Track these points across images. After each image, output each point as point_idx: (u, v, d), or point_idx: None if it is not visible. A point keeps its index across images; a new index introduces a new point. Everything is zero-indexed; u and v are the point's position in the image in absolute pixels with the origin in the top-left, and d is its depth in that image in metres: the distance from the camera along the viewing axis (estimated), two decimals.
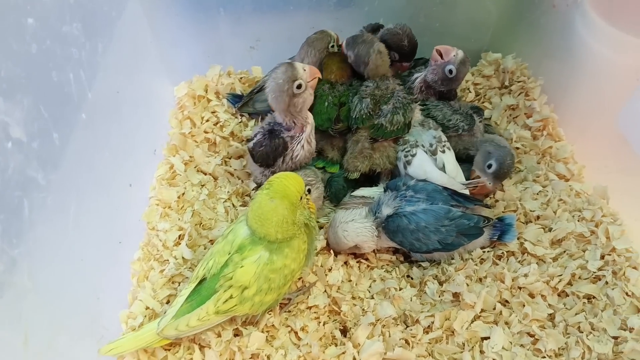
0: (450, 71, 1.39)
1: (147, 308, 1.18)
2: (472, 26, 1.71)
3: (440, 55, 1.39)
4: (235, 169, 1.52)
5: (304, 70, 1.27)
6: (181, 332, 1.05)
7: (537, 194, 1.40)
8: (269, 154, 1.34)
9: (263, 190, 1.08)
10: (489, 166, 1.36)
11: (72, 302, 0.98)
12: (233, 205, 1.42)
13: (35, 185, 0.86)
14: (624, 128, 1.32)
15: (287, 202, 1.05)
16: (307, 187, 1.29)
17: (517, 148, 1.53)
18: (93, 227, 1.08)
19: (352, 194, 1.40)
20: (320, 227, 1.39)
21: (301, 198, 1.09)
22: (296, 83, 1.24)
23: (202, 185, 1.45)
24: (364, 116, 1.37)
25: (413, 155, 1.37)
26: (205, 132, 1.56)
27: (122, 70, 1.30)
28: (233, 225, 1.13)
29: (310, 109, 1.36)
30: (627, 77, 1.35)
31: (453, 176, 1.35)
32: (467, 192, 1.35)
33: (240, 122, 1.58)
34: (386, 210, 1.27)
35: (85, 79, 1.06)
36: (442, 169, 1.36)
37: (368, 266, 1.33)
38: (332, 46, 1.51)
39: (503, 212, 1.38)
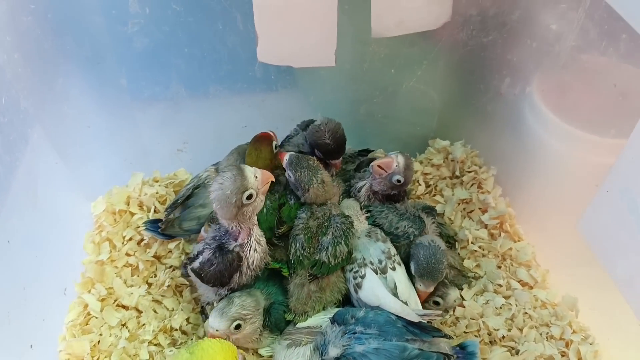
0: (398, 180, 1.28)
1: None
2: (416, 113, 1.61)
3: (384, 169, 1.27)
4: (163, 296, 1.34)
5: (256, 177, 1.10)
6: None
7: (500, 307, 1.27)
8: (222, 272, 1.17)
9: (186, 350, 0.92)
10: (412, 269, 1.24)
11: None
12: (160, 345, 1.24)
13: None
14: (585, 235, 1.21)
15: None
16: (238, 323, 1.14)
17: (475, 251, 1.40)
18: None
19: (296, 325, 1.24)
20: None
21: None
22: (246, 194, 1.08)
23: (123, 325, 1.26)
24: (300, 258, 1.22)
25: (362, 277, 1.22)
26: (127, 254, 1.38)
27: (17, 210, 1.11)
28: None
29: None
30: (583, 173, 1.25)
31: (405, 298, 1.20)
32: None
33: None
34: (333, 351, 1.10)
35: None
36: (394, 289, 1.21)
37: None
38: (276, 147, 1.38)
39: (465, 332, 1.24)
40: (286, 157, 1.27)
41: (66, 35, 1.27)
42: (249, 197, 1.09)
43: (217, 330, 1.12)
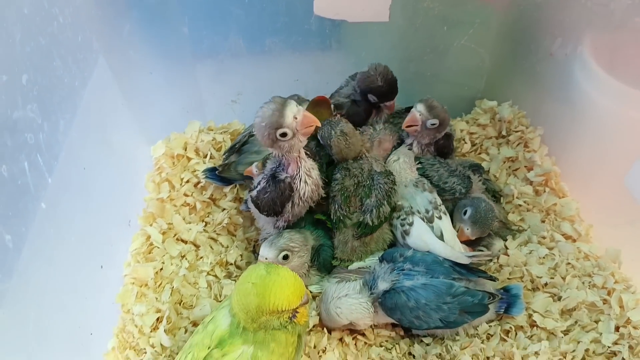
0: (433, 124, 1.34)
1: None
2: (465, 73, 1.63)
3: (413, 124, 1.34)
4: (218, 234, 1.41)
5: (295, 118, 1.10)
6: None
7: (544, 257, 1.30)
8: (275, 199, 1.21)
9: (264, 267, 0.96)
10: (465, 212, 1.29)
11: None
12: (216, 277, 1.31)
13: None
14: (632, 188, 1.23)
15: (259, 304, 0.93)
16: (285, 253, 1.20)
17: (520, 205, 1.44)
18: (57, 332, 0.96)
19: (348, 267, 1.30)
20: (313, 298, 1.29)
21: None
22: (280, 131, 1.09)
23: (183, 257, 1.34)
24: (340, 218, 1.26)
25: (410, 225, 1.27)
26: (185, 194, 1.45)
27: (90, 142, 1.19)
28: (215, 312, 1.02)
29: None
30: (633, 131, 1.27)
31: (452, 245, 1.25)
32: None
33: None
34: (382, 285, 1.17)
35: (43, 164, 0.95)
36: (440, 237, 1.26)
37: (366, 343, 1.22)
38: (334, 110, 1.43)
39: (509, 279, 1.28)
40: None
41: None
42: (283, 135, 1.10)
43: (266, 259, 1.18)
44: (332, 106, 1.41)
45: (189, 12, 1.43)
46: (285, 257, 1.20)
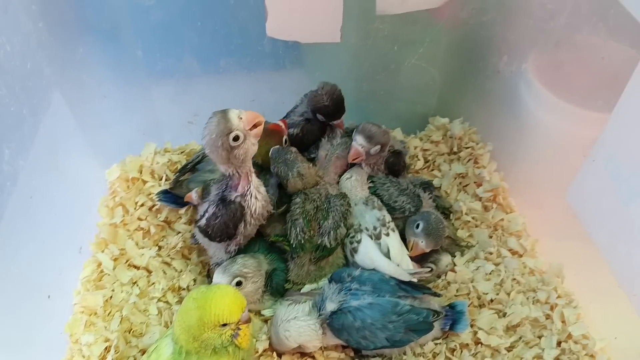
0: (376, 150, 1.36)
1: None
2: (417, 91, 1.66)
3: (358, 157, 1.37)
4: (172, 259, 1.42)
5: (240, 118, 1.10)
6: None
7: (490, 273, 1.33)
8: (227, 222, 1.21)
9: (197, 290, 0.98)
10: (417, 226, 1.31)
11: None
12: (168, 303, 1.32)
13: None
14: (573, 204, 1.26)
15: (200, 317, 0.94)
16: (239, 279, 1.20)
17: (468, 221, 1.47)
18: None
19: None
20: (265, 321, 1.30)
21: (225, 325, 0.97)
22: (232, 135, 1.09)
23: (134, 283, 1.34)
24: (301, 242, 1.28)
25: (358, 242, 1.30)
26: (139, 219, 1.46)
27: (40, 169, 1.19)
28: (159, 340, 1.04)
29: None
30: (574, 148, 1.30)
31: (398, 261, 1.28)
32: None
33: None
34: (330, 306, 1.19)
35: None
36: (387, 253, 1.29)
37: None
38: (286, 141, 1.43)
39: (456, 295, 1.31)
40: (271, 150, 1.33)
41: (88, 7, 1.33)
42: (235, 138, 1.10)
43: None
44: (284, 138, 1.41)
45: (142, 36, 1.44)
46: (239, 284, 1.21)
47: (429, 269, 1.31)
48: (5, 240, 1.02)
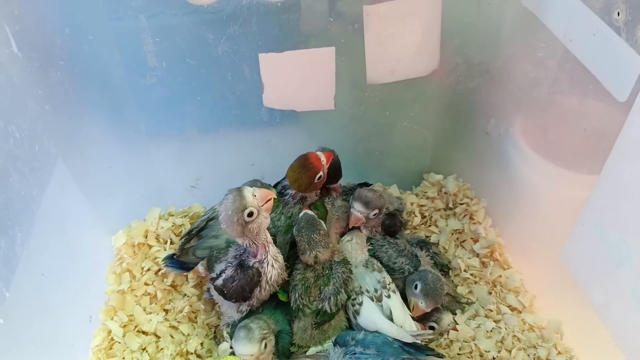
0: (375, 214, 1.43)
1: None
2: (410, 149, 1.73)
3: (358, 223, 1.44)
4: (179, 322, 1.45)
5: (254, 196, 1.18)
6: None
7: (491, 331, 1.37)
8: (244, 286, 1.26)
9: None
10: (415, 287, 1.35)
11: None
12: None
13: None
14: (566, 263, 1.31)
15: None
16: (265, 342, 1.23)
17: (467, 278, 1.51)
18: None
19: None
20: None
21: None
22: (246, 212, 1.17)
23: (143, 349, 1.37)
24: (300, 307, 1.32)
25: (360, 304, 1.33)
26: (146, 284, 1.49)
27: (49, 246, 1.23)
28: None
29: None
30: (566, 208, 1.36)
31: (401, 323, 1.31)
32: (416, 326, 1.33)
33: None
34: None
35: (1, 281, 0.99)
36: (390, 315, 1.32)
37: None
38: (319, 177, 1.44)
39: (458, 354, 1.34)
40: (301, 214, 1.36)
41: (91, 87, 1.40)
42: (250, 214, 1.18)
43: (251, 356, 1.21)
44: (320, 173, 1.39)
45: (145, 111, 1.50)
46: (265, 346, 1.24)
47: (432, 330, 1.34)
48: (18, 316, 1.05)
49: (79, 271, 1.37)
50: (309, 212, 1.37)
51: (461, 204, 1.65)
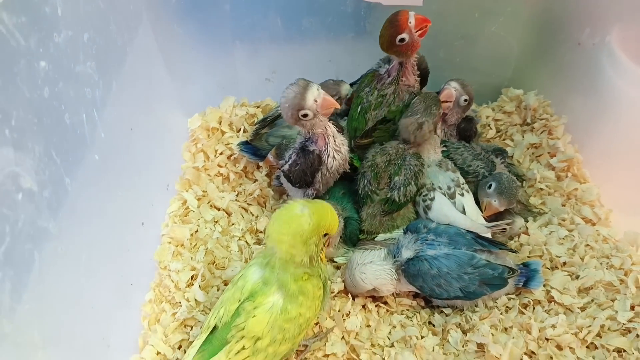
0: (465, 100, 1.41)
1: (159, 353, 1.13)
2: (493, 61, 1.68)
3: (448, 100, 1.41)
4: (249, 204, 1.48)
5: (315, 101, 1.17)
6: None
7: (563, 238, 1.34)
8: (305, 170, 1.28)
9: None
10: (490, 186, 1.34)
11: (81, 352, 0.93)
12: (247, 243, 1.38)
13: (46, 236, 0.82)
14: None
15: (316, 222, 0.98)
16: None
17: (542, 189, 1.48)
18: (104, 271, 1.04)
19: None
20: (337, 268, 1.35)
21: (326, 235, 1.03)
22: (302, 112, 1.17)
23: (216, 222, 1.41)
24: (368, 193, 1.33)
25: (432, 200, 1.32)
26: (219, 165, 1.52)
27: (136, 106, 1.27)
28: (243, 270, 1.09)
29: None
30: None
31: (474, 219, 1.31)
32: (490, 235, 1.31)
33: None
34: (406, 253, 1.23)
35: (98, 119, 1.02)
36: (462, 211, 1.31)
37: (387, 310, 1.28)
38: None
39: (528, 257, 1.33)
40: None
41: None
42: (305, 115, 1.18)
43: None
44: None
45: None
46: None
47: (507, 222, 1.32)
48: (110, 163, 1.09)
49: (157, 140, 1.40)
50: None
51: (540, 119, 1.60)
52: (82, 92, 0.96)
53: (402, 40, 1.28)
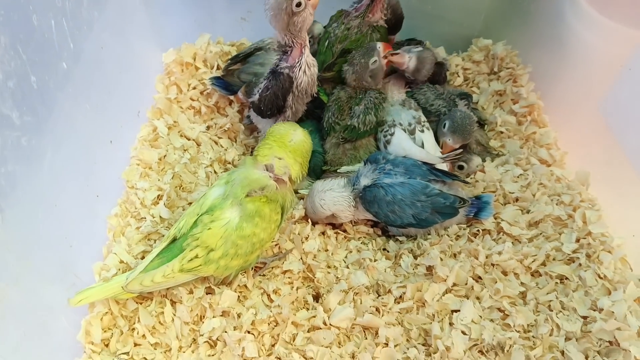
0: (408, 77, 1.47)
1: (122, 262, 1.19)
2: (464, 11, 1.72)
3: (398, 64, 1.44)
4: (219, 137, 1.52)
5: None
6: (145, 287, 1.05)
7: (518, 177, 1.40)
8: (277, 93, 1.33)
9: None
10: (444, 126, 1.39)
11: (42, 244, 0.98)
12: (215, 171, 1.42)
13: (8, 123, 0.86)
14: (605, 114, 1.32)
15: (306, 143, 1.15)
16: None
17: (502, 132, 1.53)
18: (69, 176, 1.08)
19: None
20: (301, 199, 1.40)
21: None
22: (295, 1, 1.20)
23: (185, 150, 1.45)
24: (332, 124, 1.40)
25: (392, 135, 1.38)
26: (192, 99, 1.56)
27: (108, 28, 1.29)
28: (207, 190, 1.14)
29: None
30: (614, 66, 1.35)
31: (432, 153, 1.36)
32: (445, 167, 1.37)
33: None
34: (364, 181, 1.28)
35: (67, 29, 1.05)
36: (421, 146, 1.37)
37: (345, 237, 1.34)
38: None
39: (482, 192, 1.39)
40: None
41: None
42: (298, 4, 1.20)
43: None
44: None
45: None
46: None
47: (458, 151, 1.37)
48: (79, 76, 1.12)
49: (129, 69, 1.43)
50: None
51: (507, 68, 1.64)
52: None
53: None
